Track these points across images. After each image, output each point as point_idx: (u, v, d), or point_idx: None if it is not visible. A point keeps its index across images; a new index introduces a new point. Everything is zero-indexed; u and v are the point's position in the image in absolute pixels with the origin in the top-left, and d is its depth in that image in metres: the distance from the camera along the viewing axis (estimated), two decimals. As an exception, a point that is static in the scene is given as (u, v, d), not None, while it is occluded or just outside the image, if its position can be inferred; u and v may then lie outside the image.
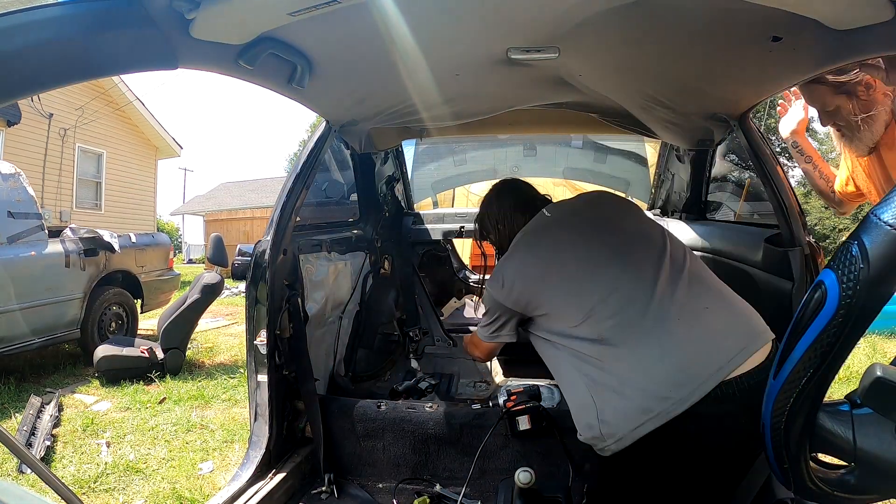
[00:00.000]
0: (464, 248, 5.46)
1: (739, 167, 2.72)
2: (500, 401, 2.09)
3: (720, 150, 2.63)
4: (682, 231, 2.77)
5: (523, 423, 1.97)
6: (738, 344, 1.26)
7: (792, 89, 2.06)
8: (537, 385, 2.22)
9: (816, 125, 2.05)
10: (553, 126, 3.03)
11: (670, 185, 3.12)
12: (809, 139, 2.32)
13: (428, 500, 1.87)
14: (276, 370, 1.97)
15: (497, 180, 1.94)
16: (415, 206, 3.65)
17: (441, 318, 3.25)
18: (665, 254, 1.45)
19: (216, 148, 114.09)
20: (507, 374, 2.85)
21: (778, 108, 2.26)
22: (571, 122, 2.86)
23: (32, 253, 4.48)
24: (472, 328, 3.16)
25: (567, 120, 2.73)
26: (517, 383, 2.71)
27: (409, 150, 3.61)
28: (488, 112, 2.28)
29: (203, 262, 19.56)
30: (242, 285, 2.21)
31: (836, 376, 0.72)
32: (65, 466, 2.81)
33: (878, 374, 0.65)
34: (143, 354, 4.42)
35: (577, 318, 1.38)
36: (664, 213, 3.18)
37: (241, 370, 4.62)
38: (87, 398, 3.95)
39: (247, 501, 1.71)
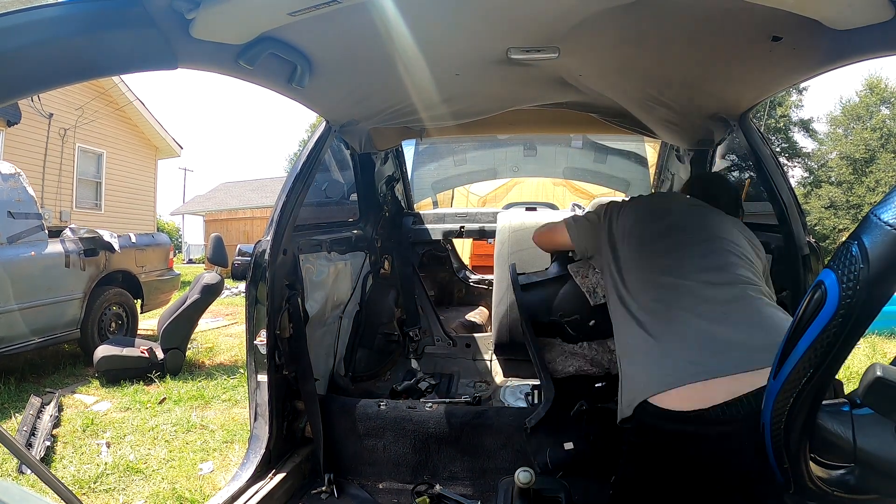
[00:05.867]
0: (464, 248, 5.46)
1: (739, 167, 2.72)
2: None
3: (720, 149, 2.63)
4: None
5: None
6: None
7: None
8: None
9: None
10: (553, 126, 3.03)
11: (670, 185, 3.11)
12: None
13: (428, 501, 1.87)
14: (276, 370, 1.97)
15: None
16: (415, 206, 3.65)
17: (441, 318, 3.25)
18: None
19: (216, 148, 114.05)
20: (507, 374, 2.85)
21: None
22: (571, 122, 2.86)
23: (32, 253, 4.48)
24: (476, 335, 3.15)
25: (567, 120, 2.73)
26: (518, 383, 2.71)
27: (409, 150, 3.61)
28: (488, 112, 2.28)
29: (203, 262, 19.55)
30: (242, 285, 2.21)
31: (837, 376, 0.72)
32: (65, 467, 2.81)
33: (878, 373, 0.65)
34: (143, 354, 4.42)
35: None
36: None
37: (241, 370, 4.61)
38: (87, 398, 3.95)
39: (247, 501, 1.71)
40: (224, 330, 6.83)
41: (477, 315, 3.52)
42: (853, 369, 4.21)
